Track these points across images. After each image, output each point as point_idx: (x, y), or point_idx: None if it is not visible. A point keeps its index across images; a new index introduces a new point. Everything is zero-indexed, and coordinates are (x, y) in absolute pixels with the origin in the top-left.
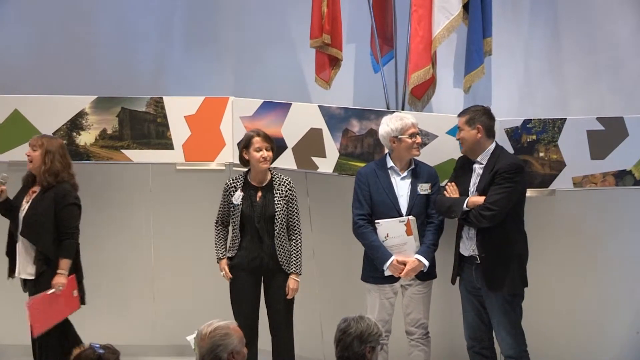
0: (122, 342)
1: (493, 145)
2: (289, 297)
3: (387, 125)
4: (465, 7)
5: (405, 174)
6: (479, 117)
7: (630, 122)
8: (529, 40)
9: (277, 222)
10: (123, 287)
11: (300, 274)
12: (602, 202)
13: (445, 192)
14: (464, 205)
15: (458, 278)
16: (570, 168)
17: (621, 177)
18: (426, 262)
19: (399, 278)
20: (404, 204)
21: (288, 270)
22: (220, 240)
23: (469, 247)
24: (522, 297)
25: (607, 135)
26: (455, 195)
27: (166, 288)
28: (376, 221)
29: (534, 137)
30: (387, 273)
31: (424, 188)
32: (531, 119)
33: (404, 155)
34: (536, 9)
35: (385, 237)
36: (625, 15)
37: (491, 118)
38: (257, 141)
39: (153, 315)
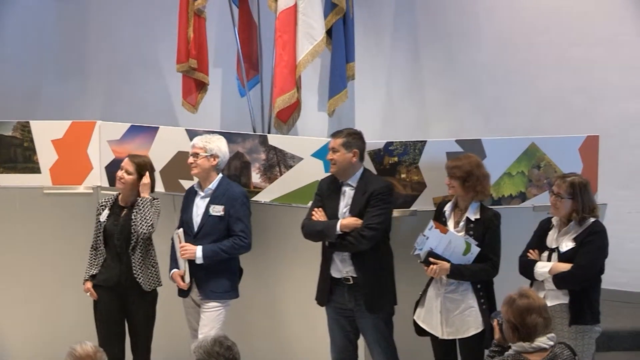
0: None
1: (362, 169)
2: None
3: None
4: (329, 32)
5: (203, 193)
6: (356, 141)
7: (488, 144)
8: (391, 65)
9: (133, 239)
10: None
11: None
12: None
13: (312, 217)
14: (337, 229)
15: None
16: (431, 189)
17: None
18: (198, 253)
19: (188, 292)
20: (197, 222)
21: (145, 287)
22: (90, 262)
23: (342, 269)
24: (393, 313)
25: None
26: (323, 219)
27: (36, 313)
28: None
29: (396, 159)
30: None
31: (215, 210)
32: (393, 142)
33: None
34: (397, 36)
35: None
36: (482, 41)
37: (364, 142)
38: None
39: (29, 337)
